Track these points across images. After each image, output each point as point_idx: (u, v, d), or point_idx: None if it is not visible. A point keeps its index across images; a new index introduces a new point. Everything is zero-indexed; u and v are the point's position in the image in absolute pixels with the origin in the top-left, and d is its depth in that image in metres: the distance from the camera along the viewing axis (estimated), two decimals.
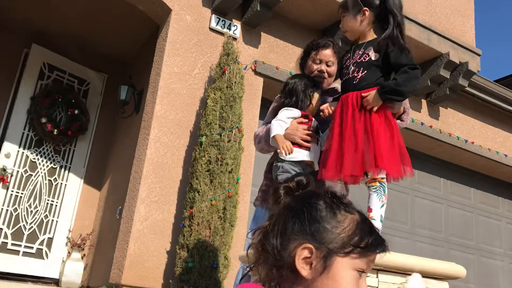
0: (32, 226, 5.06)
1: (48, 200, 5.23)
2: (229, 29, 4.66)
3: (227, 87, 4.11)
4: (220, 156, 3.87)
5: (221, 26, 4.64)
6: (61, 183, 5.37)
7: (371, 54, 2.20)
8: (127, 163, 4.59)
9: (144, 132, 4.22)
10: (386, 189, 2.10)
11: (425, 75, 5.69)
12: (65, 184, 5.39)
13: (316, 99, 2.40)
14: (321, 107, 2.33)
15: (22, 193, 5.07)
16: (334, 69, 2.51)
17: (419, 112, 5.98)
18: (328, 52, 2.49)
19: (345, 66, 2.31)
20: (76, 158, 5.52)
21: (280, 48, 5.03)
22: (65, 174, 5.42)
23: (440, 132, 6.06)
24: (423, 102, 6.06)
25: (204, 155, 3.86)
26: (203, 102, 4.25)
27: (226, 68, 4.16)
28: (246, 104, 4.47)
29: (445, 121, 6.24)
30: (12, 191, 5.02)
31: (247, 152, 4.34)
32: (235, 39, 4.66)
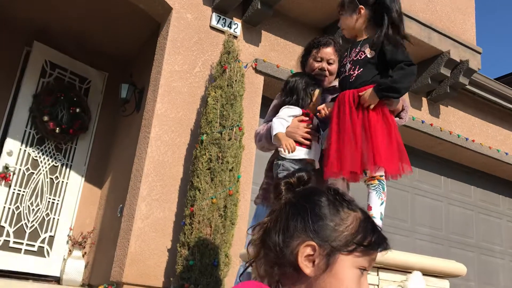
0: (33, 224, 5.07)
1: (50, 198, 5.24)
2: (230, 28, 4.67)
3: (227, 85, 4.12)
4: (220, 154, 3.87)
5: (222, 25, 4.64)
6: (63, 181, 5.38)
7: (367, 51, 2.20)
8: (128, 161, 4.60)
9: (145, 130, 4.22)
10: (385, 187, 2.10)
11: (425, 73, 5.68)
12: (66, 182, 5.40)
13: (317, 97, 2.41)
14: (318, 108, 2.33)
15: (24, 191, 5.08)
16: (335, 67, 2.50)
17: (420, 110, 5.98)
18: (329, 50, 2.49)
19: (342, 65, 2.32)
20: (77, 156, 5.53)
21: (280, 46, 5.03)
22: (67, 172, 5.43)
23: (441, 130, 6.06)
24: (424, 100, 6.06)
25: (205, 153, 3.86)
26: (204, 100, 4.25)
27: (226, 66, 4.16)
28: (247, 102, 4.48)
29: (446, 119, 6.23)
30: (14, 189, 5.02)
31: (247, 150, 4.35)
32: (235, 37, 4.66)
